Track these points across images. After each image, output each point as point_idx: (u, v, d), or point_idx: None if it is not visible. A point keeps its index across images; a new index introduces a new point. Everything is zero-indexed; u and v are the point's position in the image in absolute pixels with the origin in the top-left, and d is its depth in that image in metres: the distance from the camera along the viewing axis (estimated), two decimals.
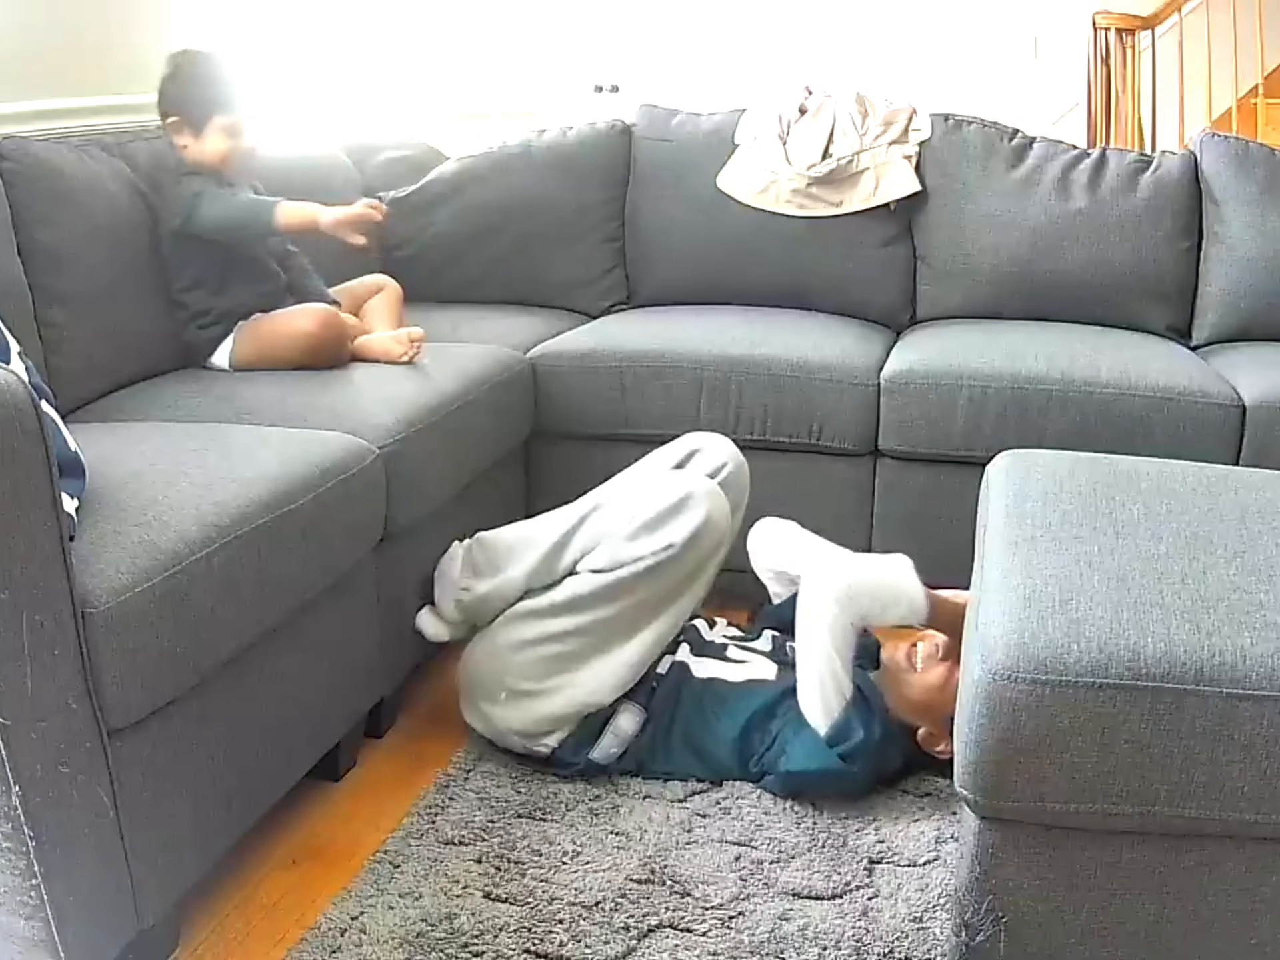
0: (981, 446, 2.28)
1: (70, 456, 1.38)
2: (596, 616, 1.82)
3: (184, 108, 2.14)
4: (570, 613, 1.83)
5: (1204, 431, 2.25)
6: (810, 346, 2.46)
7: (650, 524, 1.79)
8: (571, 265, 2.92)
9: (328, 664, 1.76)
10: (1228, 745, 1.16)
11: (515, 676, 1.86)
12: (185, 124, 2.14)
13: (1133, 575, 1.29)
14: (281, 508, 1.57)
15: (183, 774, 1.44)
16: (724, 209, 2.83)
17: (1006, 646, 1.20)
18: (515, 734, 1.88)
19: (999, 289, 2.75)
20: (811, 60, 4.59)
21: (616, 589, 1.81)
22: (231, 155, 2.17)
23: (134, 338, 2.11)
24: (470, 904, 1.57)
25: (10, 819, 1.20)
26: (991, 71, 4.65)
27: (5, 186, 1.94)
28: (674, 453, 2.06)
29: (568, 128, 3.00)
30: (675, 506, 1.80)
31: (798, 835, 1.73)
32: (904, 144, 2.80)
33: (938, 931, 1.54)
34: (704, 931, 1.53)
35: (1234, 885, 1.24)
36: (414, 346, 2.19)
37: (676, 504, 1.80)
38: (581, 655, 1.84)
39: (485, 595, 1.92)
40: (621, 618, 1.83)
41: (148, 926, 1.41)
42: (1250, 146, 2.74)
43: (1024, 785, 1.20)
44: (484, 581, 1.93)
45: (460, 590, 1.95)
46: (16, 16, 2.27)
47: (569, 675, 1.84)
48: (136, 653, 1.31)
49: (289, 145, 2.70)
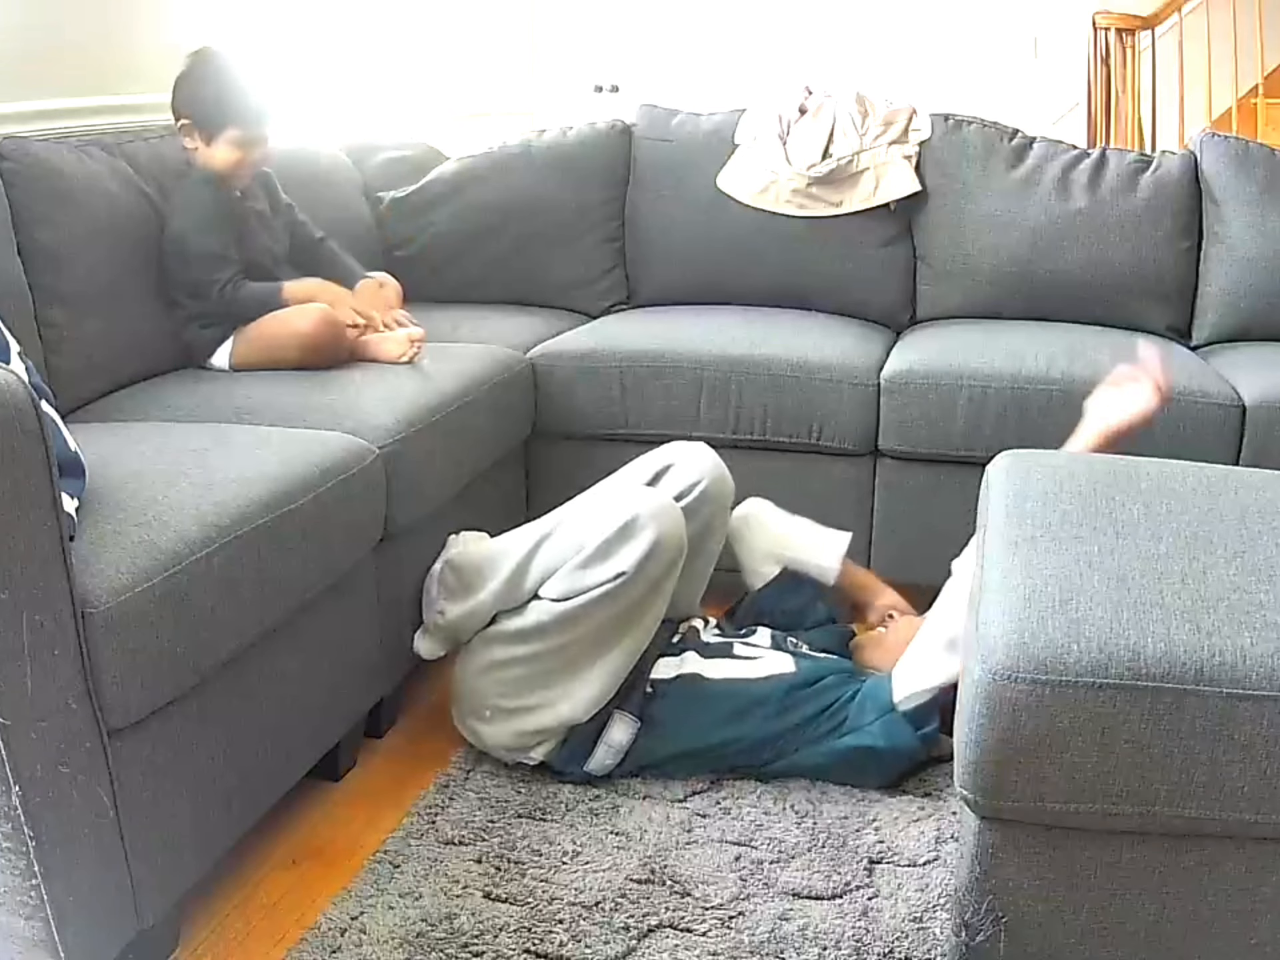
0: (981, 446, 2.28)
1: (70, 456, 1.38)
2: (561, 641, 1.81)
3: (197, 112, 2.13)
4: (534, 639, 1.82)
5: (1204, 431, 2.25)
6: (810, 346, 2.46)
7: (599, 552, 1.76)
8: (571, 265, 2.92)
9: (328, 664, 1.76)
10: (1228, 745, 1.16)
11: (494, 696, 1.86)
12: (196, 129, 2.13)
13: (1133, 575, 1.29)
14: (281, 508, 1.57)
15: (183, 774, 1.44)
16: (724, 209, 2.83)
17: (1006, 646, 1.20)
18: (503, 748, 1.88)
19: (999, 289, 2.75)
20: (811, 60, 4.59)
21: (575, 616, 1.79)
22: (241, 167, 2.16)
23: (134, 338, 2.11)
24: (470, 904, 1.57)
25: (10, 819, 1.20)
26: (991, 71, 4.65)
27: (5, 186, 1.94)
28: (649, 466, 2.03)
29: (568, 128, 3.00)
30: (622, 532, 1.76)
31: (798, 835, 1.73)
32: (904, 144, 2.80)
33: (938, 931, 1.54)
34: (704, 931, 1.53)
35: (1234, 885, 1.24)
36: (414, 347, 2.19)
37: (623, 529, 1.76)
38: (553, 676, 1.83)
39: (458, 619, 1.92)
40: (585, 640, 1.81)
41: (148, 926, 1.41)
42: (1250, 146, 2.74)
43: (1024, 785, 1.20)
44: (456, 604, 1.92)
45: (436, 614, 1.95)
46: (16, 16, 2.27)
47: (545, 693, 1.83)
48: (136, 653, 1.31)
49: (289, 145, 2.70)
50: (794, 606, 2.12)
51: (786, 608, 2.12)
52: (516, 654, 1.84)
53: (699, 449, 2.04)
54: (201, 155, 2.15)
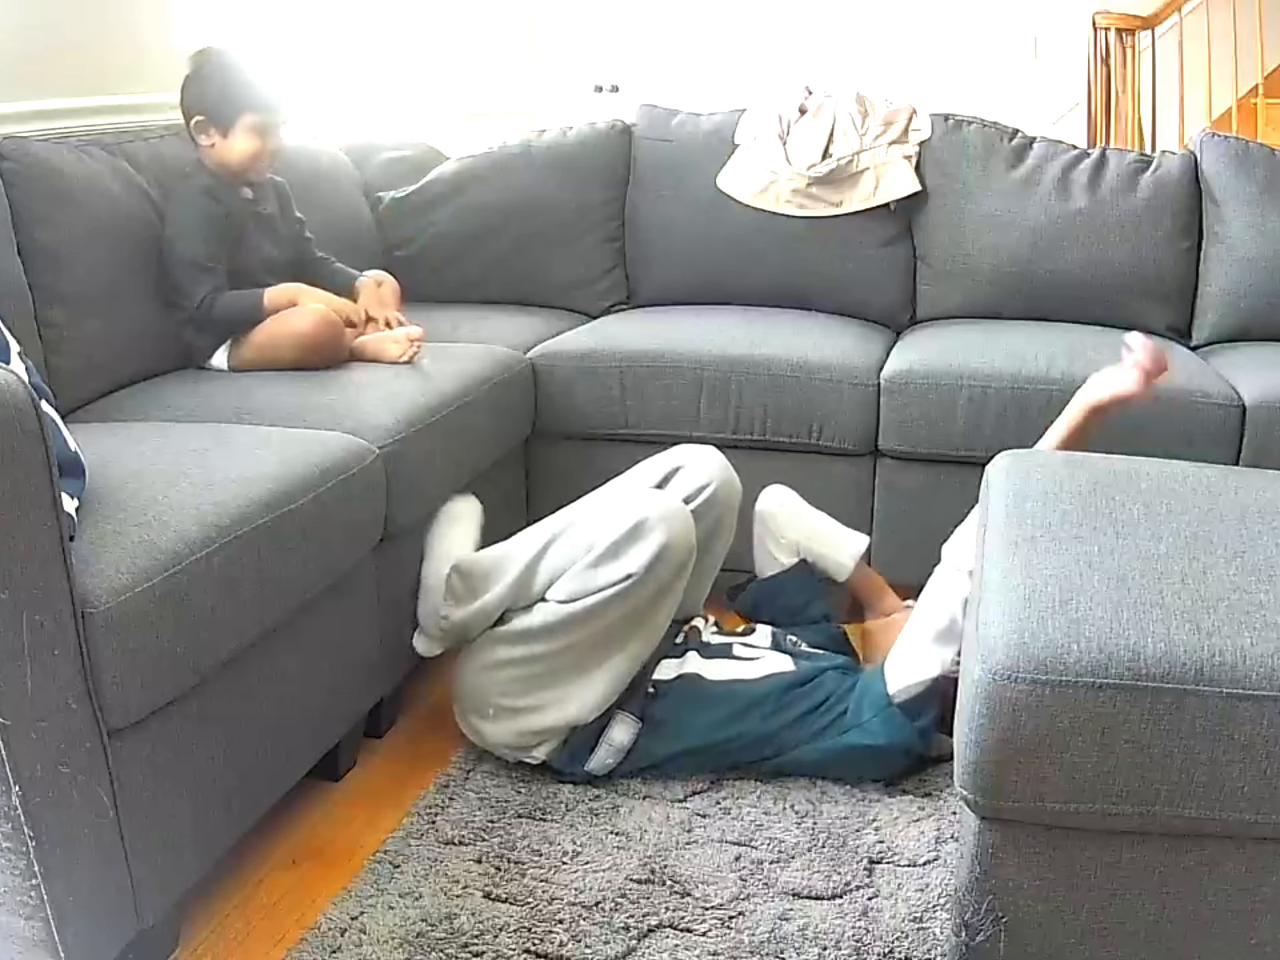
0: (981, 446, 2.28)
1: (70, 456, 1.38)
2: (568, 642, 1.81)
3: (210, 106, 2.13)
4: (542, 639, 1.82)
5: (1204, 431, 2.25)
6: (810, 346, 2.46)
7: (608, 553, 1.76)
8: (571, 265, 2.92)
9: (328, 664, 1.76)
10: (1228, 745, 1.16)
11: (497, 695, 1.86)
12: (211, 123, 2.13)
13: (1133, 575, 1.29)
14: (281, 508, 1.57)
15: (183, 774, 1.44)
16: (724, 209, 2.83)
17: (1006, 646, 1.20)
18: (505, 746, 1.88)
19: (999, 289, 2.75)
20: (811, 60, 4.59)
21: (583, 618, 1.78)
22: (260, 155, 2.16)
23: (134, 338, 2.11)
24: (470, 904, 1.57)
25: (10, 819, 1.20)
26: (991, 71, 4.65)
27: (5, 186, 1.94)
28: (658, 468, 2.02)
29: (568, 128, 3.00)
30: (631, 534, 1.76)
31: (798, 835, 1.73)
32: (904, 144, 2.80)
33: (938, 931, 1.54)
34: (704, 931, 1.53)
35: (1234, 885, 1.24)
36: (413, 346, 2.19)
37: (632, 531, 1.76)
38: (559, 676, 1.83)
39: (464, 620, 1.90)
40: (592, 641, 1.81)
41: (148, 926, 1.41)
42: (1250, 146, 2.74)
43: (1024, 785, 1.20)
44: (462, 608, 1.90)
45: (440, 618, 1.93)
46: (16, 16, 2.27)
47: (550, 693, 1.83)
48: (136, 653, 1.31)
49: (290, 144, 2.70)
50: (795, 602, 2.12)
51: (787, 602, 2.12)
52: (522, 653, 1.84)
53: (708, 452, 2.04)
54: (219, 151, 2.14)
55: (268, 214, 2.26)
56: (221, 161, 2.15)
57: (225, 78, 2.13)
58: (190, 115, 2.15)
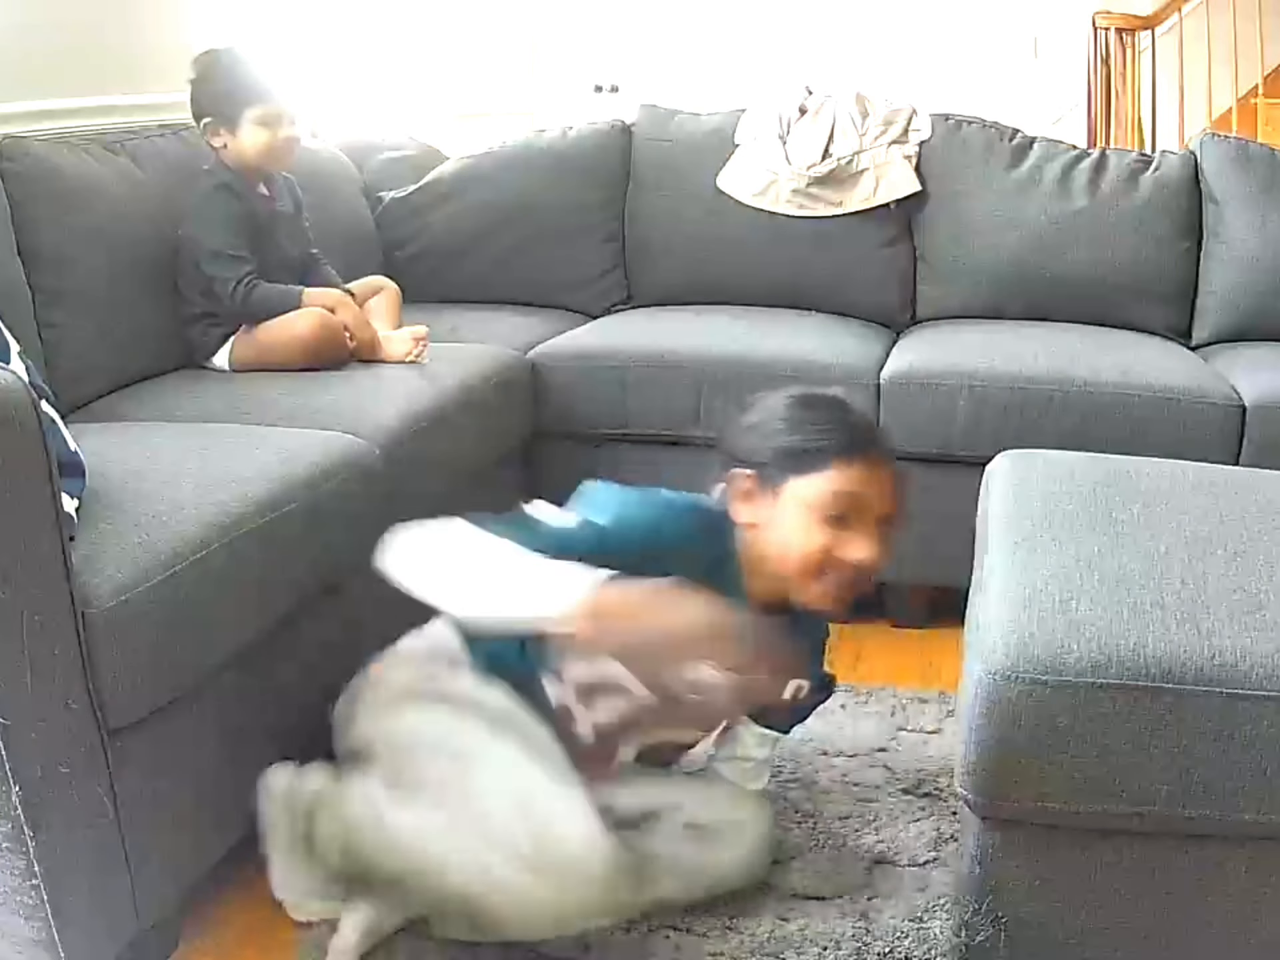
0: (981, 446, 2.27)
1: (70, 456, 1.38)
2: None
3: (216, 106, 2.13)
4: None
5: (1204, 431, 2.25)
6: (810, 346, 2.46)
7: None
8: (571, 265, 2.92)
9: (328, 663, 1.75)
10: (1228, 745, 1.16)
11: None
12: (220, 124, 2.13)
13: (1133, 575, 1.29)
14: (281, 508, 1.56)
15: (183, 774, 1.44)
16: (724, 209, 2.82)
17: (1006, 646, 1.20)
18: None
19: (999, 289, 2.75)
20: (811, 60, 4.58)
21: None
22: (272, 146, 2.15)
23: (134, 338, 2.11)
24: None
25: (10, 819, 1.20)
26: (991, 71, 4.65)
27: (5, 186, 1.94)
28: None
29: (568, 128, 3.00)
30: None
31: (798, 835, 1.73)
32: (904, 144, 2.80)
33: (938, 931, 1.53)
34: (704, 932, 1.53)
35: (1234, 885, 1.24)
36: (419, 345, 2.19)
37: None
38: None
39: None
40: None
41: (148, 926, 1.41)
42: (1250, 146, 2.74)
43: (1024, 785, 1.20)
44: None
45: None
46: (16, 16, 2.27)
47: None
48: (136, 653, 1.31)
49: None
50: None
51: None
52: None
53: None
54: (232, 150, 2.14)
55: (284, 211, 2.26)
56: (238, 159, 2.15)
57: (227, 77, 2.14)
58: (200, 119, 2.16)
